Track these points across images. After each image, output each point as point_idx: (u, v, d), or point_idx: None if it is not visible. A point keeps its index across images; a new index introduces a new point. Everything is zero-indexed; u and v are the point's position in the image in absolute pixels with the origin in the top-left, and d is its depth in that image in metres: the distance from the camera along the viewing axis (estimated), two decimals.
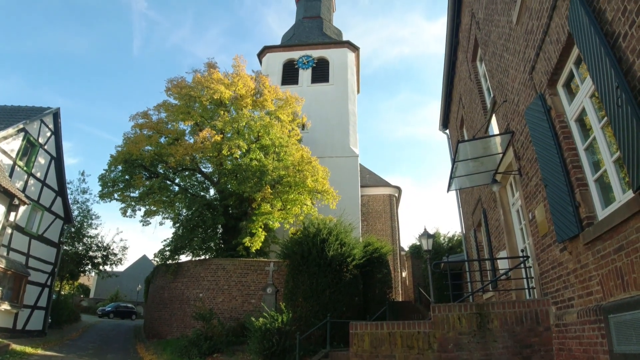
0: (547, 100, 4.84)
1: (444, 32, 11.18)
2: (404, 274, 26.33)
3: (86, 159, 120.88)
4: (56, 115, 17.69)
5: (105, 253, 26.31)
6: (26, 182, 15.48)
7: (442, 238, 21.21)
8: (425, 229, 15.00)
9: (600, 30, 3.33)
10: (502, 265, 8.04)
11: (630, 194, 3.26)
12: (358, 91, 30.33)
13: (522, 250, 7.00)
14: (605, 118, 3.62)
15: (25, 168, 15.35)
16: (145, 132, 18.89)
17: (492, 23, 7.08)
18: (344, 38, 31.25)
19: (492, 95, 7.80)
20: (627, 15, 2.99)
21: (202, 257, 18.78)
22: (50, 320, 17.80)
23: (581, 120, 4.44)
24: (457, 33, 10.85)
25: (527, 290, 6.58)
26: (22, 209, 14.40)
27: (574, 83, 4.48)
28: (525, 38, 5.36)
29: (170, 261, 18.26)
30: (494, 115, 7.77)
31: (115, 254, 26.83)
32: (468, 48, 9.59)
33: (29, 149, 15.82)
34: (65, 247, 21.55)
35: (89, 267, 26.21)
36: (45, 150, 16.91)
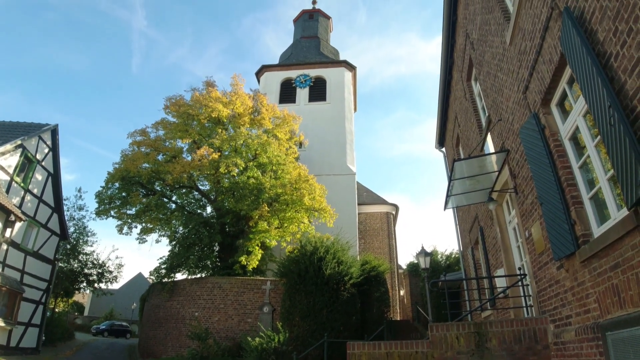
0: (541, 119, 4.91)
1: (439, 51, 11.36)
2: (402, 293, 26.14)
3: (83, 176, 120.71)
4: (54, 131, 17.75)
5: (100, 270, 26.09)
6: (23, 198, 15.44)
7: (439, 256, 21.14)
8: (422, 247, 14.96)
9: (592, 51, 3.39)
10: (500, 283, 8.02)
11: (625, 212, 3.28)
12: (355, 109, 30.59)
13: (520, 268, 6.99)
14: (599, 136, 3.67)
15: (22, 184, 15.33)
16: (143, 150, 18.94)
17: (486, 43, 7.22)
18: (341, 57, 31.68)
19: (487, 114, 7.89)
20: (618, 36, 3.05)
21: (198, 275, 18.63)
22: (44, 337, 17.54)
23: (575, 138, 4.50)
24: (452, 53, 11.03)
25: (525, 309, 6.55)
26: (18, 225, 14.34)
27: (568, 102, 4.55)
28: (518, 58, 5.46)
29: (166, 279, 18.11)
30: (489, 133, 7.85)
31: (111, 272, 26.61)
32: (463, 68, 9.74)
33: (27, 165, 15.83)
34: (60, 264, 21.36)
35: (84, 284, 25.97)
36: (43, 167, 16.91)
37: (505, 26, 5.87)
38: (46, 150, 17.21)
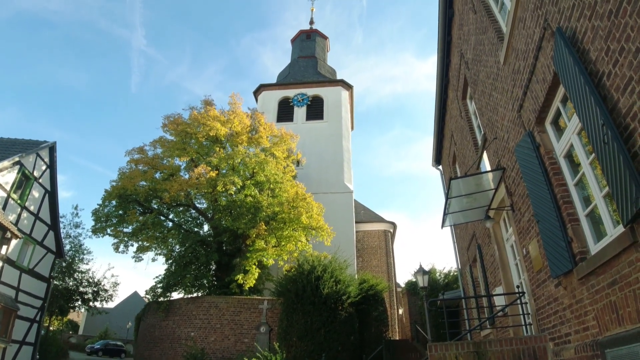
0: (535, 137, 4.96)
1: (435, 71, 11.53)
2: (400, 311, 25.88)
3: (80, 193, 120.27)
4: (52, 149, 17.78)
5: (95, 289, 25.81)
6: (19, 215, 15.37)
7: (438, 274, 21.00)
8: (420, 265, 14.86)
9: (585, 70, 3.45)
10: (499, 301, 7.97)
11: (621, 229, 3.30)
12: (352, 128, 30.81)
13: (518, 286, 6.96)
14: (593, 154, 3.71)
15: (19, 201, 15.29)
16: (140, 168, 18.96)
17: (481, 63, 7.33)
18: (338, 77, 32.06)
19: (482, 132, 7.96)
20: (610, 55, 3.11)
21: (195, 294, 18.44)
22: (38, 356, 17.24)
23: (570, 156, 4.53)
24: (447, 72, 11.18)
25: (524, 327, 6.50)
26: (13, 242, 14.28)
27: (562, 120, 4.60)
28: (512, 77, 5.54)
29: (162, 298, 17.90)
30: (485, 151, 7.91)
31: (106, 290, 26.33)
32: (458, 87, 9.86)
33: (24, 182, 15.82)
34: (55, 282, 21.12)
35: (79, 303, 25.66)
36: (40, 184, 16.89)
37: (499, 46, 5.98)
38: (43, 168, 17.21)
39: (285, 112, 28.17)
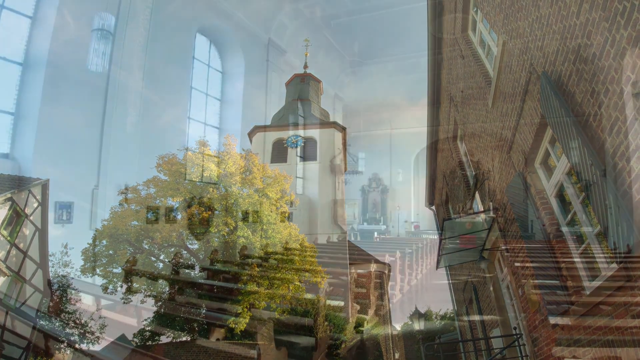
0: (526, 177, 5.04)
1: (425, 113, 11.79)
2: (396, 356, 25.09)
3: (71, 231, 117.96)
4: (45, 186, 17.70)
5: (82, 330, 24.91)
6: (8, 253, 15.10)
7: (434, 316, 20.65)
8: (416, 308, 14.64)
9: (571, 112, 3.57)
10: (497, 343, 7.81)
11: (614, 267, 3.32)
12: (345, 169, 31.05)
13: (515, 328, 6.85)
14: (584, 193, 3.77)
15: (8, 238, 15.05)
16: (133, 207, 18.79)
17: (470, 106, 7.54)
18: (331, 119, 32.62)
19: (474, 173, 8.07)
20: (595, 97, 3.22)
21: (184, 338, 17.85)
22: None
23: (561, 195, 4.60)
24: (437, 115, 11.43)
25: None
26: (1, 279, 14.03)
27: (551, 161, 4.70)
28: (501, 120, 5.69)
29: (150, 342, 17.29)
30: (477, 192, 7.99)
31: (93, 332, 25.39)
32: (448, 129, 10.07)
33: (15, 218, 15.62)
34: (42, 322, 20.46)
35: (64, 344, 24.68)
36: (31, 221, 16.69)
37: (487, 90, 6.17)
38: (35, 205, 17.08)
39: (279, 153, 28.42)
